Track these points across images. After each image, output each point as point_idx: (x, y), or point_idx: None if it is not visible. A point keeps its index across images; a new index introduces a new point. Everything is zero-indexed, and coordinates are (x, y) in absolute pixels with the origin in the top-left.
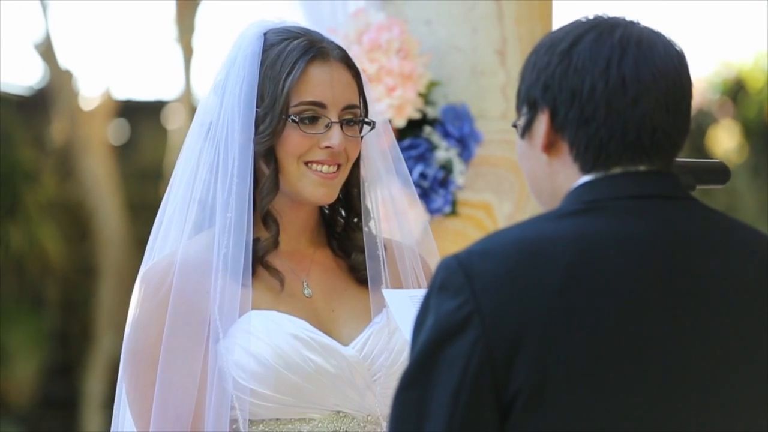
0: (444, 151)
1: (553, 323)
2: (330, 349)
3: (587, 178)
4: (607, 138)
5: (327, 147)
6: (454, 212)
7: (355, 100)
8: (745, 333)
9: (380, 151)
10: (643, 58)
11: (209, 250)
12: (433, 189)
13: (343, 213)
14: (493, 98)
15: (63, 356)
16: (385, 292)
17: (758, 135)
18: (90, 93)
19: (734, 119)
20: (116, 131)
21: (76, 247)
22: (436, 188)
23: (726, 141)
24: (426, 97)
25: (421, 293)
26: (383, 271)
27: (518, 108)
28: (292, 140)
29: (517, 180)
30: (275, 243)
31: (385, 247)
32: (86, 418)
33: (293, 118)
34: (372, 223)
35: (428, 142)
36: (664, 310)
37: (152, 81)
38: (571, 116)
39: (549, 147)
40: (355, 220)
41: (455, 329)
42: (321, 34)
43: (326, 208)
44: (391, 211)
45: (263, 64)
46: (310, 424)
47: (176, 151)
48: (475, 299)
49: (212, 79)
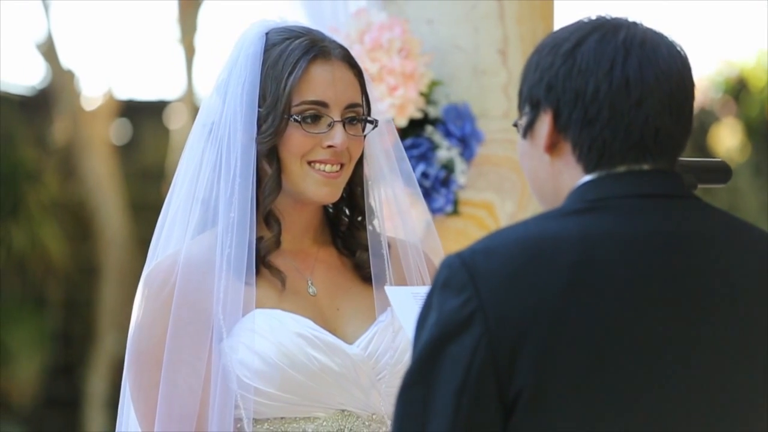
0: (446, 151)
1: (556, 322)
2: (335, 347)
3: (590, 176)
4: (611, 139)
5: (330, 146)
6: (455, 212)
7: (358, 98)
8: (748, 332)
9: (383, 150)
10: (647, 59)
11: (212, 250)
12: (434, 188)
13: (347, 212)
14: (495, 98)
15: (65, 356)
16: (387, 289)
17: (760, 134)
18: (92, 93)
19: (736, 118)
20: (118, 131)
21: (79, 246)
22: (438, 188)
23: (728, 140)
24: (427, 97)
25: (423, 290)
26: (387, 269)
27: (520, 107)
28: (295, 140)
29: (519, 179)
30: (277, 242)
31: (389, 246)
32: (89, 418)
33: (295, 118)
34: (376, 222)
35: (430, 142)
36: (667, 310)
37: (154, 81)
38: (574, 117)
39: (552, 147)
40: (359, 218)
41: (458, 327)
42: (323, 33)
43: (330, 206)
44: (395, 209)
45: (265, 63)
46: (315, 423)
47: (178, 150)
48: (479, 297)
49: (215, 79)
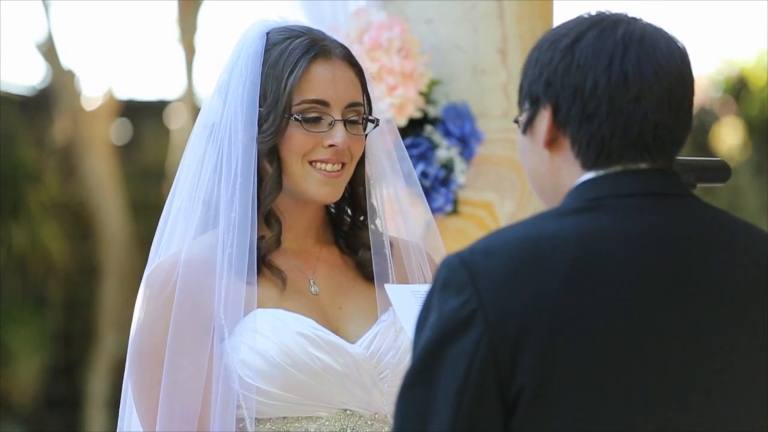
0: (445, 150)
1: (556, 321)
2: (337, 346)
3: (589, 175)
4: (609, 135)
5: (331, 145)
6: (455, 211)
7: (359, 97)
8: (747, 331)
9: (385, 150)
10: (646, 54)
11: (213, 250)
12: (434, 188)
13: (349, 211)
14: (494, 97)
15: (66, 356)
16: (387, 287)
17: (761, 133)
18: (92, 93)
19: (737, 117)
20: (118, 131)
21: (79, 246)
22: (438, 187)
23: (728, 139)
24: (427, 96)
25: (423, 288)
26: (390, 269)
27: (520, 104)
28: (296, 139)
29: (519, 178)
30: (277, 242)
31: (391, 245)
32: (89, 418)
33: (296, 117)
34: (378, 221)
35: (429, 141)
36: (667, 309)
37: (154, 81)
38: (573, 113)
39: (551, 143)
40: (361, 218)
41: (458, 327)
42: (323, 33)
43: (332, 206)
44: (397, 209)
45: (266, 63)
46: (317, 422)
47: (179, 150)
48: (479, 297)
49: (215, 79)
